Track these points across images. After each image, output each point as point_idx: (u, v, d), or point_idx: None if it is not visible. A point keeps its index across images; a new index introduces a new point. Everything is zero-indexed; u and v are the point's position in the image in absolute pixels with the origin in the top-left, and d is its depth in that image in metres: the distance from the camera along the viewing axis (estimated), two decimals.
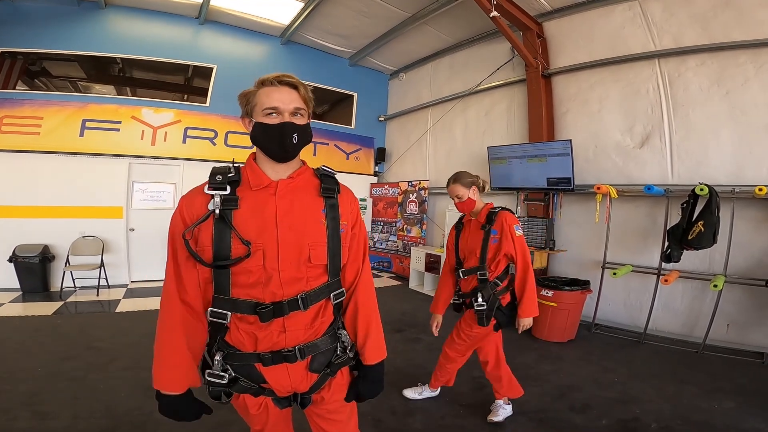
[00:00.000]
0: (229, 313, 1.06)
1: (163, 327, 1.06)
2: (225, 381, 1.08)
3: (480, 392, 2.84)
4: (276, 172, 1.11)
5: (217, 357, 1.08)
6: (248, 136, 1.12)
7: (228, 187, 1.05)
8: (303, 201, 1.11)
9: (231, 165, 1.10)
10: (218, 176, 1.06)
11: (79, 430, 2.20)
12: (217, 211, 1.03)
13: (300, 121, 1.08)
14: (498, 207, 2.29)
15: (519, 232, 2.22)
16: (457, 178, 2.27)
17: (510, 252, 2.20)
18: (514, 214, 2.29)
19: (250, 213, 1.06)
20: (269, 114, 1.06)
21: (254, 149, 1.14)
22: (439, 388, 2.75)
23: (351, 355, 1.19)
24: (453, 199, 2.31)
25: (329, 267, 1.12)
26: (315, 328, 1.12)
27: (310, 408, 1.21)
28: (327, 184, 1.15)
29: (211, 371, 1.08)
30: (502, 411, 2.50)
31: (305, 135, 1.10)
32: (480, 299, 2.19)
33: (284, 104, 1.05)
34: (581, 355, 3.65)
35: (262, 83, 1.08)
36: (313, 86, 7.40)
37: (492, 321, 2.24)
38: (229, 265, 1.03)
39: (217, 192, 1.04)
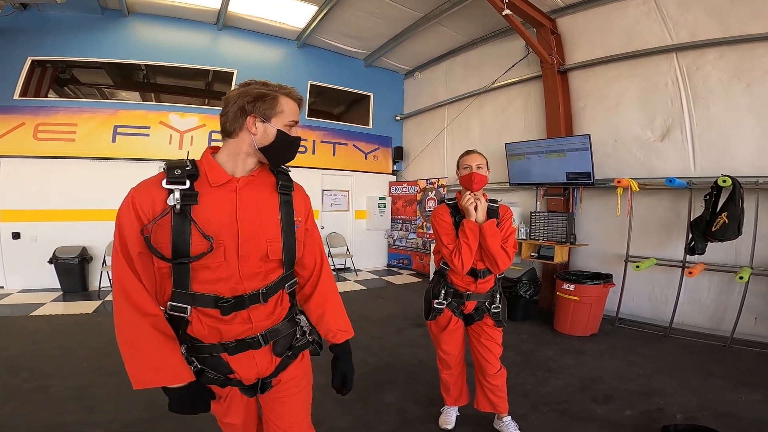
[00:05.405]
0: (189, 306, 1.05)
1: (128, 325, 1.00)
2: None
3: None
4: (235, 168, 1.11)
5: (182, 350, 1.07)
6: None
7: (187, 182, 1.03)
8: (261, 198, 1.13)
9: (186, 159, 1.08)
10: (177, 170, 1.02)
11: (123, 422, 2.32)
12: (177, 207, 1.00)
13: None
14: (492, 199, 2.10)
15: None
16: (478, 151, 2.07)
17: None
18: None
19: (210, 209, 1.05)
20: (293, 126, 1.13)
21: (212, 146, 1.16)
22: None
23: (310, 338, 1.27)
24: (470, 167, 1.98)
25: (284, 261, 1.16)
26: (276, 315, 1.18)
27: (268, 393, 1.23)
28: (283, 180, 1.18)
29: None
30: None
31: None
32: (497, 301, 2.13)
33: (297, 119, 1.15)
34: (604, 348, 3.65)
35: (286, 93, 1.11)
36: (330, 87, 7.54)
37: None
38: (191, 261, 1.02)
39: (176, 186, 1.01)
